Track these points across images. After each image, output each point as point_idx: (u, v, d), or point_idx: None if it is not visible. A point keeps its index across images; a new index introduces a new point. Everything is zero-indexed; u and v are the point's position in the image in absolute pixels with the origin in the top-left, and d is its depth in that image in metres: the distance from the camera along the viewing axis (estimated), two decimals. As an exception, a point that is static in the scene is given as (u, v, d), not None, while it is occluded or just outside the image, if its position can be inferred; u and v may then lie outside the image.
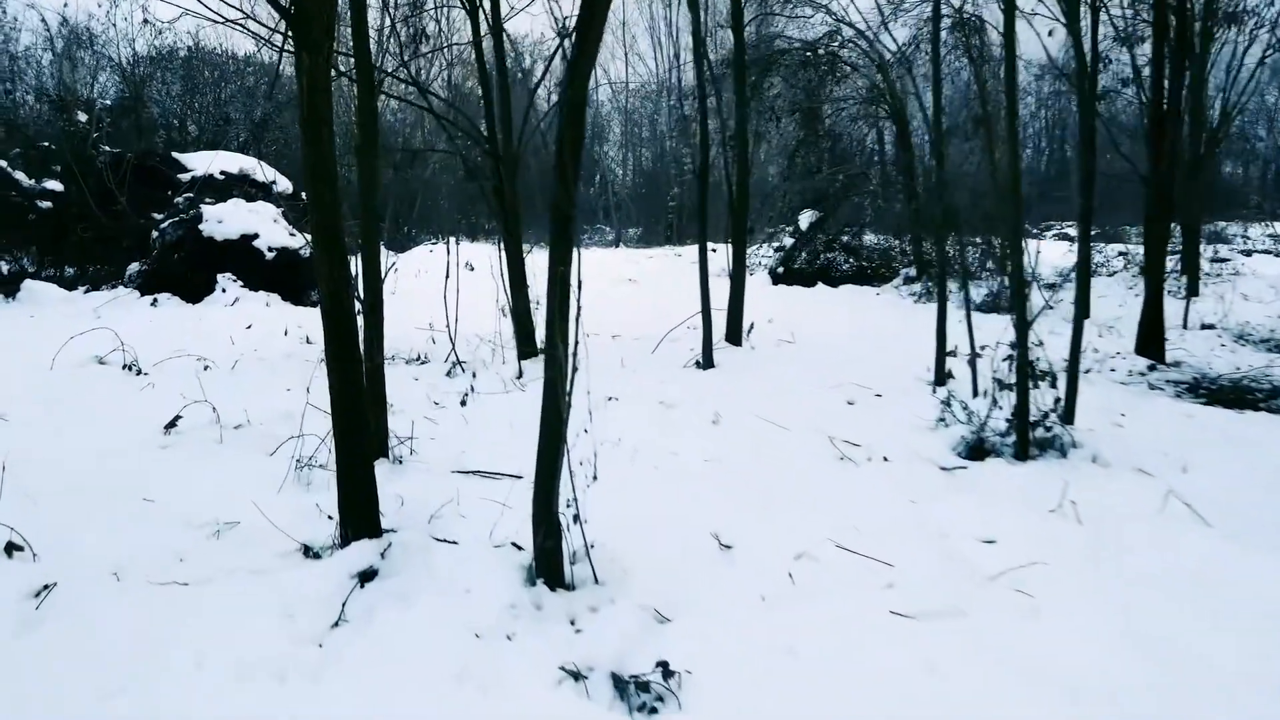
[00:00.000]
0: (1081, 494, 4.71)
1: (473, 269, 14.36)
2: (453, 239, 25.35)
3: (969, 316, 6.84)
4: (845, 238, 17.40)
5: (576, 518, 3.60)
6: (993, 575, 3.77)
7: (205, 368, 8.47)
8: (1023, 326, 5.46)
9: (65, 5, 22.07)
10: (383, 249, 6.02)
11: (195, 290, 13.85)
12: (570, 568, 3.70)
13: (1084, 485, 4.89)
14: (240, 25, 6.41)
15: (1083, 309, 11.09)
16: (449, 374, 8.15)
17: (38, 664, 3.04)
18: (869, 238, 18.05)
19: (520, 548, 3.94)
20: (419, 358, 9.16)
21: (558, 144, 3.51)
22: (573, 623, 3.42)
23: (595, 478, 3.74)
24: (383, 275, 5.23)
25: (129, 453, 5.60)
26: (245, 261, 14.28)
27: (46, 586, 3.57)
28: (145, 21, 22.42)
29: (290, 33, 3.76)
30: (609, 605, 3.54)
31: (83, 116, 17.63)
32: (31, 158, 16.18)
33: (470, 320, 9.59)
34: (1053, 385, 5.62)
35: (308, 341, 10.36)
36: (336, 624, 3.31)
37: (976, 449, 5.60)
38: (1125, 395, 7.35)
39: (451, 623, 3.33)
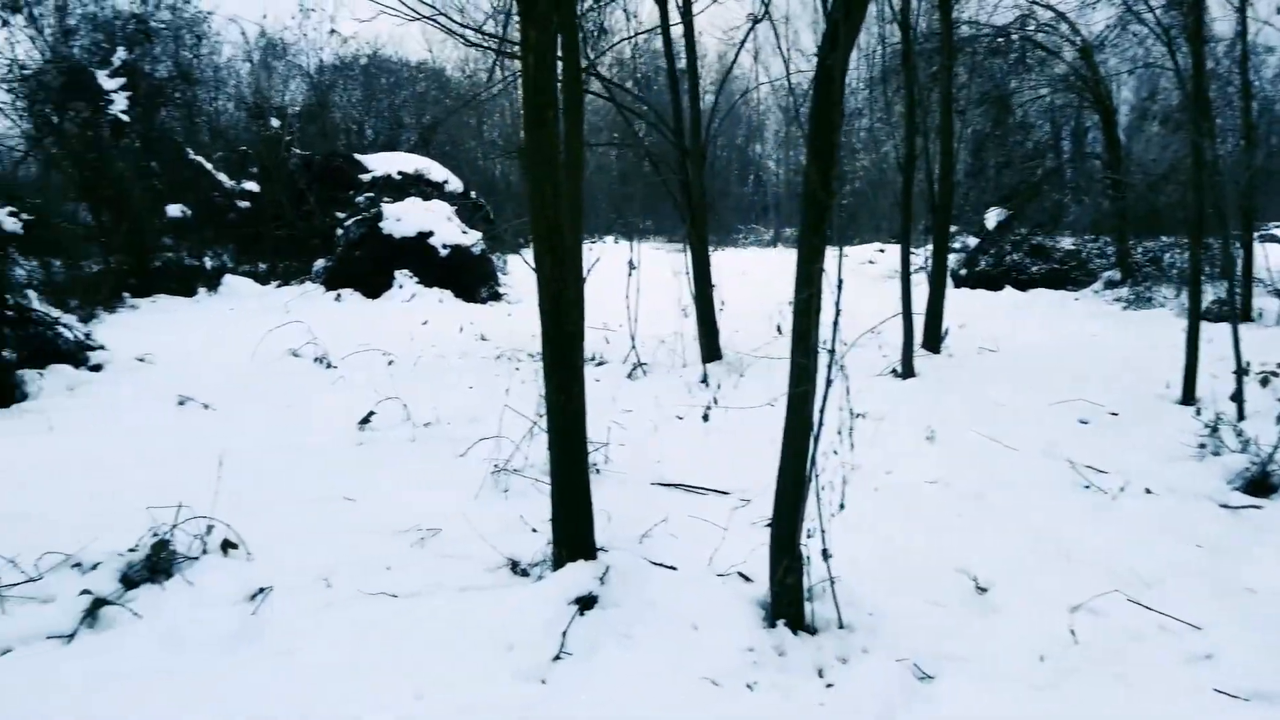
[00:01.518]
0: None
1: (635, 268, 14.17)
2: (612, 238, 25.41)
3: (1234, 328, 5.91)
4: (1036, 238, 16.05)
5: (826, 553, 3.14)
6: (1341, 651, 3.04)
7: (389, 363, 8.55)
8: (1325, 341, 4.57)
9: (264, 17, 23.43)
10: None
11: (374, 286, 14.30)
12: (809, 606, 3.24)
13: None
14: (446, 26, 6.31)
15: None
16: (630, 376, 7.87)
17: (255, 679, 2.86)
18: (1066, 240, 16.57)
19: (748, 579, 3.53)
20: (594, 358, 8.94)
21: (811, 120, 3.07)
22: (821, 674, 2.97)
23: (843, 506, 3.28)
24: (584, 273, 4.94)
25: (328, 449, 5.58)
26: (420, 259, 14.63)
27: (262, 590, 3.44)
28: (332, 31, 23.62)
29: (516, 11, 3.49)
30: (860, 656, 3.07)
31: (275, 122, 18.64)
32: (232, 161, 17.25)
33: (643, 321, 9.28)
34: (1363, 412, 4.70)
35: (482, 339, 10.38)
36: (558, 657, 3.00)
37: (1259, 483, 4.75)
38: None
39: (683, 665, 2.95)
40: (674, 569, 3.67)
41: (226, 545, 3.78)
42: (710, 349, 8.13)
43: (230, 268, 15.53)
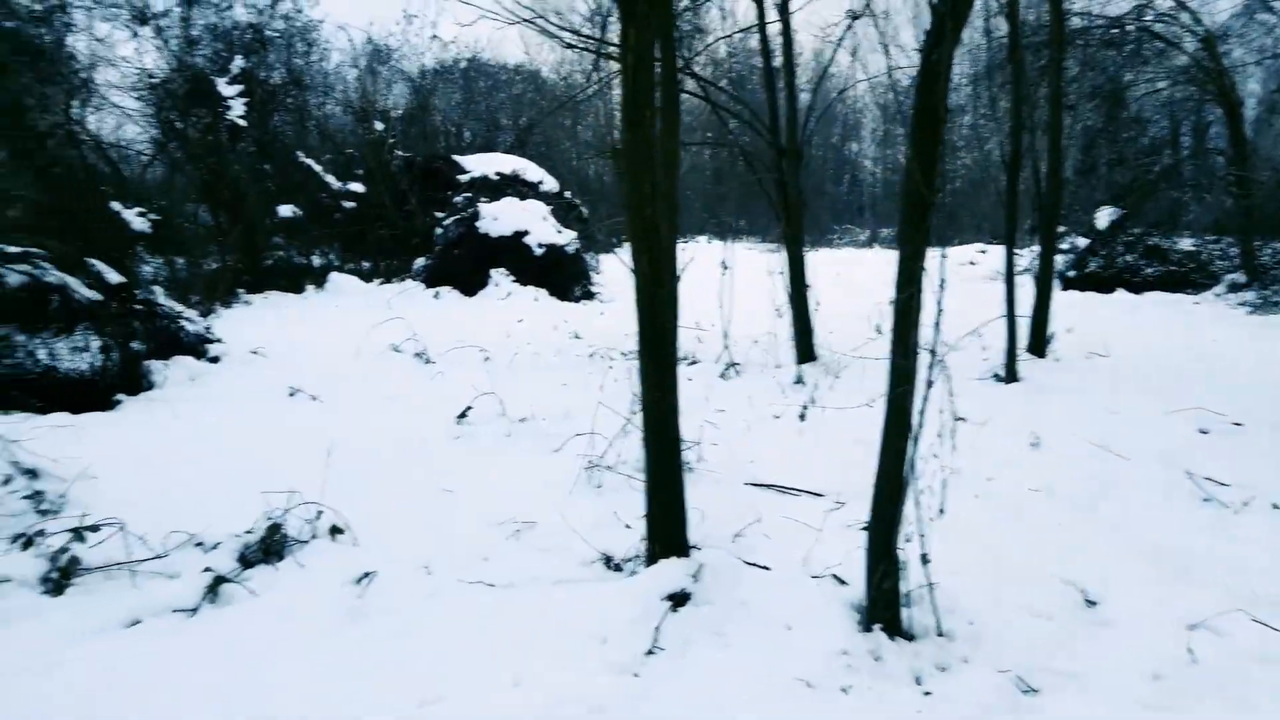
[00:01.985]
0: None
1: (728, 268, 14.14)
2: (705, 238, 25.37)
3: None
4: (1152, 238, 15.25)
5: (924, 558, 3.07)
6: None
7: (486, 359, 8.74)
8: None
9: (370, 24, 24.28)
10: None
11: (471, 284, 14.65)
12: (906, 612, 3.18)
13: None
14: (545, 28, 6.43)
15: None
16: (723, 375, 7.85)
17: (363, 659, 2.98)
18: (1184, 241, 15.68)
19: (843, 582, 3.48)
20: (686, 358, 8.95)
21: (914, 117, 3.00)
22: (918, 682, 2.91)
23: (942, 511, 3.20)
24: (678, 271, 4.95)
25: (427, 441, 5.75)
26: (516, 257, 14.91)
27: (367, 574, 3.58)
28: (434, 37, 24.33)
29: (616, 13, 3.54)
30: (960, 665, 2.99)
31: (380, 125, 19.28)
32: (339, 163, 17.92)
33: (736, 321, 9.23)
34: None
35: (576, 337, 10.51)
36: (651, 652, 3.02)
37: (1400, 501, 4.42)
38: None
39: (776, 666, 2.93)
40: (767, 569, 3.65)
41: (334, 530, 3.95)
42: (805, 349, 8.04)
43: (336, 266, 16.14)
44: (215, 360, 8.20)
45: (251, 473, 4.75)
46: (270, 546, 3.75)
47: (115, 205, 11.68)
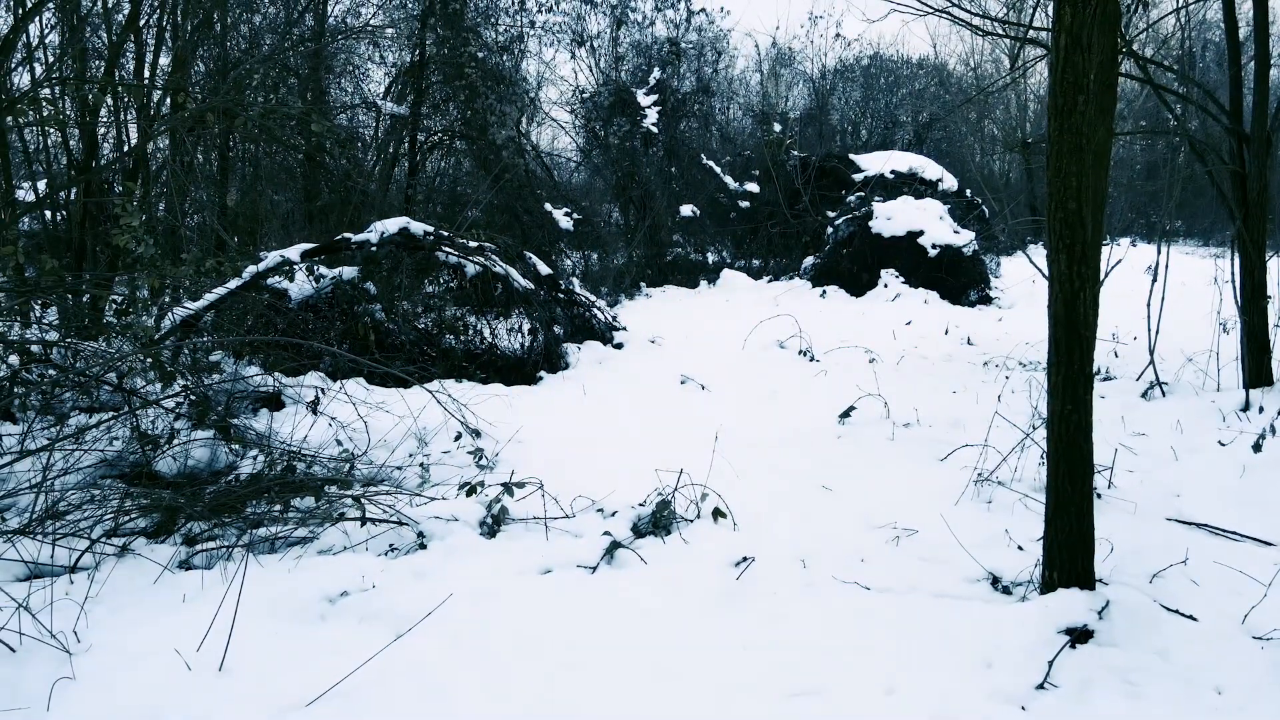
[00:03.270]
0: None
1: (1157, 274, 12.33)
2: (1128, 240, 22.45)
3: None
4: None
5: None
6: None
7: (870, 360, 8.58)
8: None
9: (776, 29, 25.09)
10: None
11: (859, 284, 14.46)
12: (1392, 706, 2.54)
13: None
14: (958, 17, 6.15)
15: None
16: (1144, 395, 6.88)
17: (737, 638, 3.08)
18: None
19: (1300, 653, 2.88)
20: (1099, 372, 7.99)
21: None
22: None
23: None
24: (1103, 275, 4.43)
25: (808, 438, 5.79)
26: (907, 258, 14.44)
27: (746, 559, 3.70)
28: (838, 36, 24.48)
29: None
30: None
31: (777, 127, 19.80)
32: (737, 164, 18.76)
33: (1164, 335, 8.04)
34: None
35: (969, 343, 9.91)
36: (1042, 687, 2.75)
37: None
38: None
39: (1201, 734, 2.51)
40: (1193, 619, 3.13)
41: (717, 513, 4.13)
42: (1258, 371, 6.73)
43: (728, 263, 16.92)
44: (619, 346, 9.02)
45: (645, 451, 5.15)
46: (659, 520, 4.04)
47: (548, 206, 13.37)
